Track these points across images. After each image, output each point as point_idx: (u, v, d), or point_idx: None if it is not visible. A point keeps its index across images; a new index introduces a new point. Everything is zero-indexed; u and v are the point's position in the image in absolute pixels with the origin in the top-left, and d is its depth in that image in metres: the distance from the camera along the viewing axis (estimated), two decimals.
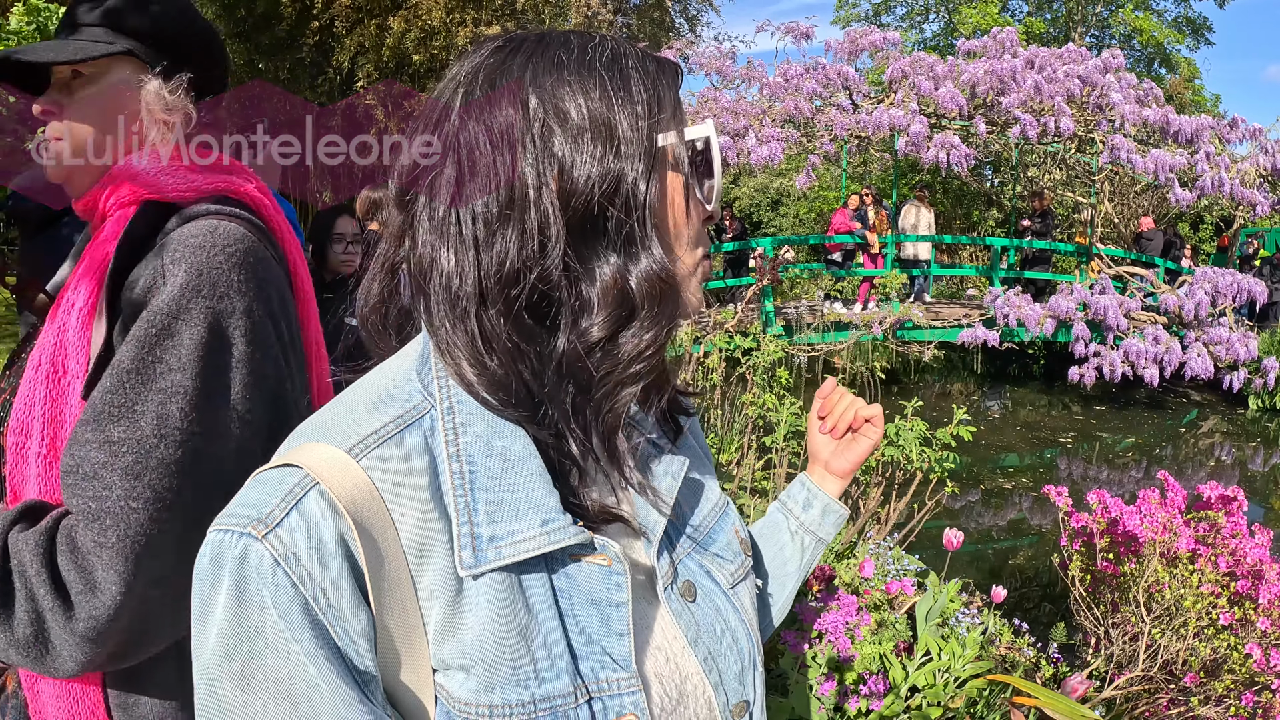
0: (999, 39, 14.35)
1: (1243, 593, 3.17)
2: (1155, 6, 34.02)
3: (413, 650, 0.72)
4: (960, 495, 6.37)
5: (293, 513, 0.67)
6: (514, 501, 0.75)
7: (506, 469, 0.76)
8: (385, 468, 0.72)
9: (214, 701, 0.66)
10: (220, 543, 0.67)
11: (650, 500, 0.86)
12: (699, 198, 0.83)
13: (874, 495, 4.34)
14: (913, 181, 20.51)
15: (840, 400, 1.21)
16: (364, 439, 0.73)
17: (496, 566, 0.72)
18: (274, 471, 0.71)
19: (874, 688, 2.83)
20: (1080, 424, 12.08)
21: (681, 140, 0.80)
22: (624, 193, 0.75)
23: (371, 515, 0.70)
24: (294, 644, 0.65)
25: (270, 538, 0.66)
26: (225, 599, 0.66)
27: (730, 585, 0.93)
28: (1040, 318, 12.79)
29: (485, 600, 0.72)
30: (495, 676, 0.71)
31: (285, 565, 0.65)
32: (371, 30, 17.85)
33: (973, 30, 27.57)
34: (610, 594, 0.78)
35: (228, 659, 0.65)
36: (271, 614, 0.65)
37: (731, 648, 0.89)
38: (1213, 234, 23.46)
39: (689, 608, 0.87)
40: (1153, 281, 14.02)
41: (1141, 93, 13.55)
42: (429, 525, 0.73)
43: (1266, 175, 13.14)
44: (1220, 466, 10.49)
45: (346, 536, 0.68)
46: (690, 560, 0.90)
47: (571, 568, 0.78)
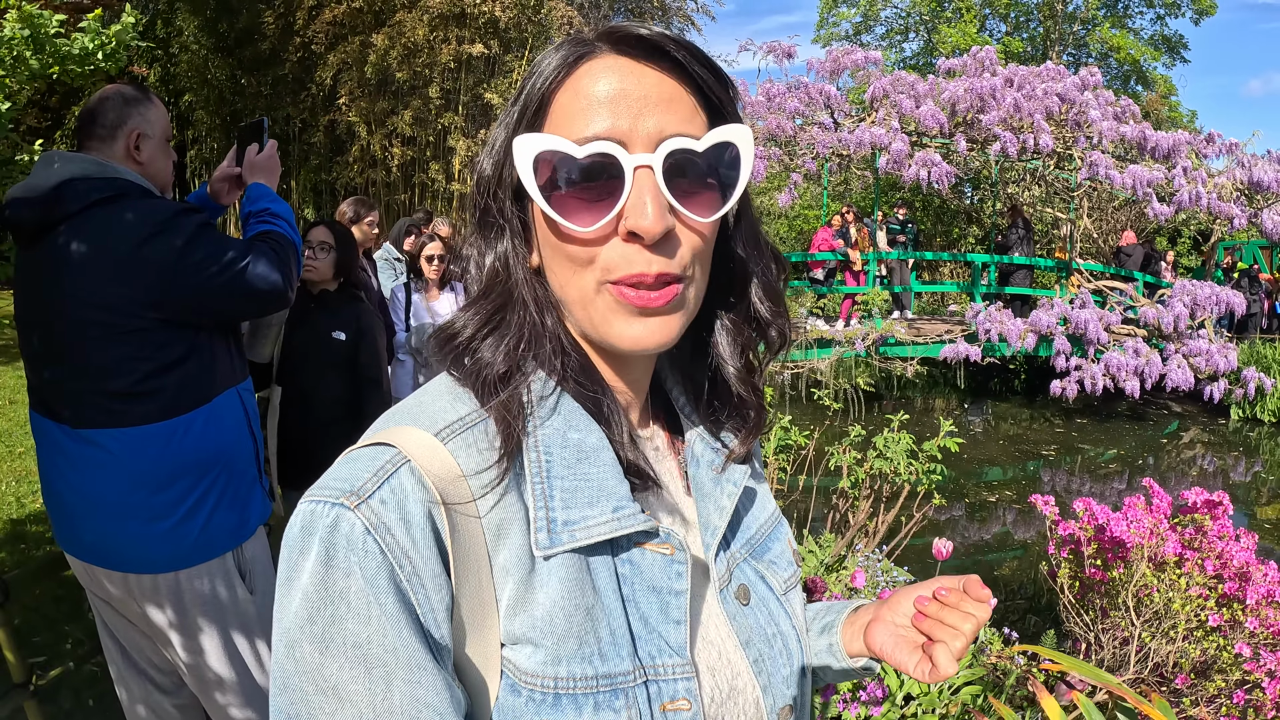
0: (979, 58, 14.53)
1: (1230, 594, 3.20)
2: (1132, 25, 34.48)
3: (483, 624, 0.74)
4: (945, 509, 6.41)
5: (385, 486, 0.70)
6: (587, 489, 0.78)
7: (581, 459, 0.80)
8: (470, 452, 0.76)
9: (291, 663, 0.68)
10: (312, 512, 0.69)
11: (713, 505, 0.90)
12: (547, 211, 0.77)
13: (863, 508, 4.36)
14: (893, 199, 20.64)
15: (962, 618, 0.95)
16: (450, 424, 0.77)
17: (569, 548, 0.76)
18: (368, 449, 0.74)
19: (872, 694, 2.84)
20: (1062, 437, 12.14)
21: (518, 159, 0.78)
22: (486, 191, 0.84)
23: (456, 494, 0.73)
24: (376, 608, 0.67)
25: (362, 508, 0.68)
26: (313, 564, 0.68)
27: (783, 592, 0.96)
28: (1021, 332, 12.89)
29: (557, 579, 0.75)
30: (562, 650, 0.73)
31: (376, 534, 0.68)
32: (354, 47, 17.83)
33: (952, 49, 27.87)
34: (671, 582, 0.81)
35: (310, 622, 0.67)
36: (358, 579, 0.67)
37: (782, 652, 0.91)
38: (1190, 247, 23.70)
39: (743, 610, 0.90)
40: (1132, 295, 14.15)
41: (1119, 109, 13.73)
42: (507, 507, 0.76)
43: (1243, 189, 13.31)
44: (1203, 476, 10.57)
45: (434, 511, 0.71)
46: (746, 565, 0.93)
47: (635, 554, 0.81)
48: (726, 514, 0.90)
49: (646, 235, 0.74)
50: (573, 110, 0.76)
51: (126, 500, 2.28)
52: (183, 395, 2.32)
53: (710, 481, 0.92)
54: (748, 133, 0.80)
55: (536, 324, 0.83)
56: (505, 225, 0.84)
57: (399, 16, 17.83)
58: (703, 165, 0.78)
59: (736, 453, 0.94)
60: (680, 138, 0.76)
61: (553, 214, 0.76)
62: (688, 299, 0.81)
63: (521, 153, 0.77)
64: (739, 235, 0.90)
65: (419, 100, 18.43)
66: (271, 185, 2.68)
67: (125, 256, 2.22)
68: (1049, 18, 34.04)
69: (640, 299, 0.77)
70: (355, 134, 18.74)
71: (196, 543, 2.34)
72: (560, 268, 0.80)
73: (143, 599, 2.35)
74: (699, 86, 0.80)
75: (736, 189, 0.81)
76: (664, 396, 0.98)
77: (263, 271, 2.36)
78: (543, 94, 0.79)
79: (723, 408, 0.96)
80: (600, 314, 0.79)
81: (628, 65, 0.77)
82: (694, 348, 0.95)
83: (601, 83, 0.76)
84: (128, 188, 2.31)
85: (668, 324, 0.79)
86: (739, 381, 0.94)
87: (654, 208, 0.74)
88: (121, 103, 2.45)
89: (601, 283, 0.78)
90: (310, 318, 3.59)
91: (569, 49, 0.79)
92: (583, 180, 0.75)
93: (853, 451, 4.59)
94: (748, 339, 0.93)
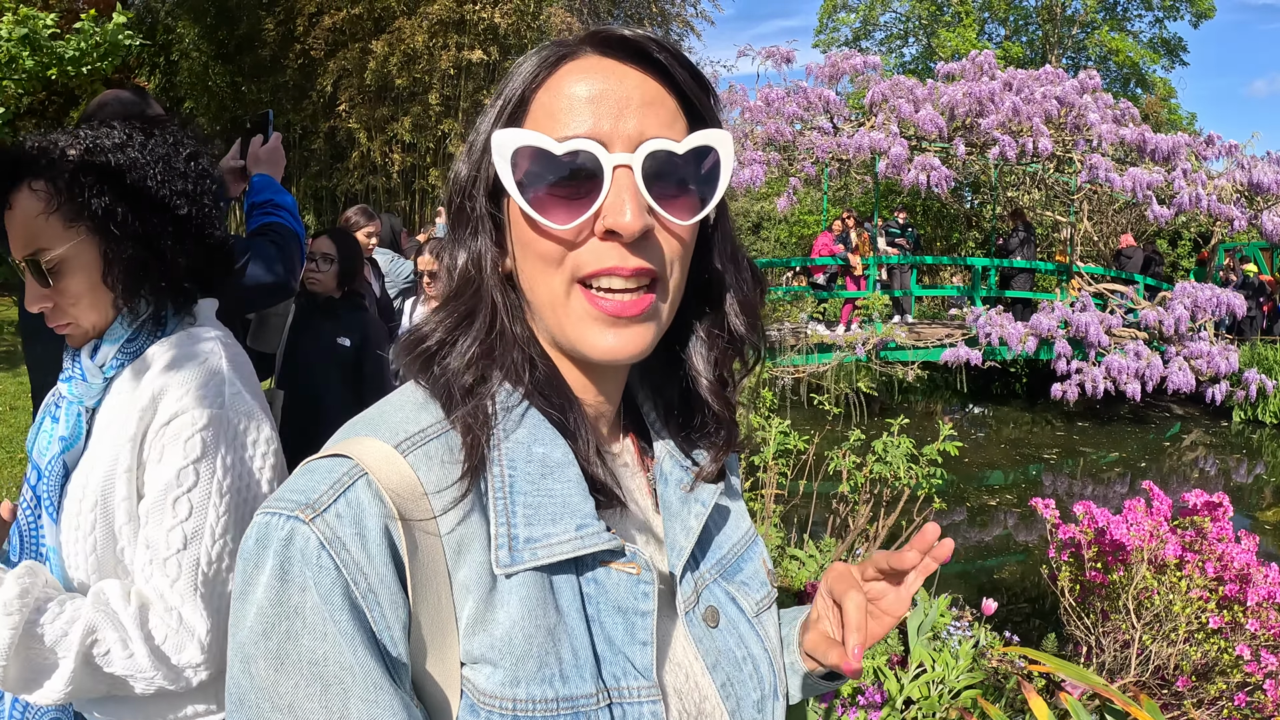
0: (977, 62, 14.53)
1: (1231, 596, 3.19)
2: (1130, 28, 34.51)
3: (443, 642, 0.73)
4: (946, 513, 6.39)
5: (340, 499, 0.69)
6: (551, 506, 0.77)
7: (545, 474, 0.78)
8: (430, 465, 0.74)
9: (247, 679, 0.67)
10: (267, 524, 0.68)
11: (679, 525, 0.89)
12: (523, 207, 0.76)
13: (863, 512, 4.35)
14: (893, 203, 20.66)
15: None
16: (411, 436, 0.76)
17: (530, 567, 0.74)
18: (324, 460, 0.73)
19: (871, 698, 2.83)
20: (1064, 440, 12.13)
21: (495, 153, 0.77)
22: (463, 190, 0.83)
23: (415, 509, 0.72)
24: (332, 625, 0.66)
25: (317, 521, 0.67)
26: (268, 578, 0.67)
27: (755, 614, 0.94)
28: (1022, 336, 12.87)
29: (517, 598, 0.73)
30: (521, 671, 0.72)
31: (330, 549, 0.67)
32: (354, 54, 17.87)
33: (951, 54, 27.90)
34: (637, 602, 0.80)
35: (264, 637, 0.66)
36: (313, 595, 0.66)
37: (752, 675, 0.89)
38: (1191, 249, 23.68)
39: (710, 633, 0.88)
40: (1133, 298, 14.14)
41: (1118, 112, 13.72)
42: (468, 523, 0.74)
43: (1243, 190, 13.30)
44: (1204, 478, 10.56)
45: (390, 526, 0.70)
46: (716, 586, 0.91)
47: (601, 573, 0.79)
48: (693, 534, 0.88)
49: (625, 233, 0.73)
50: (553, 109, 0.76)
51: None
52: None
53: (678, 500, 0.90)
54: (728, 138, 0.80)
55: (505, 330, 0.81)
56: (480, 225, 0.82)
57: (399, 23, 17.89)
58: (682, 168, 0.77)
59: (708, 470, 0.92)
60: (660, 140, 0.76)
61: (529, 210, 0.75)
62: (661, 310, 0.80)
63: (500, 147, 0.76)
64: (716, 247, 0.89)
65: (419, 107, 18.47)
66: (276, 177, 2.67)
67: None
68: (1048, 21, 34.09)
69: (613, 307, 0.76)
70: (355, 140, 18.77)
71: None
72: (532, 268, 0.79)
73: None
74: (681, 90, 0.80)
75: (716, 194, 0.80)
76: (636, 411, 0.96)
77: (264, 266, 2.36)
78: (523, 93, 0.78)
79: (695, 423, 0.94)
80: (571, 320, 0.78)
81: (610, 66, 0.77)
82: (666, 362, 0.93)
83: (583, 83, 0.76)
84: None
85: (641, 334, 0.78)
86: (713, 396, 0.92)
87: (633, 206, 0.73)
88: (120, 107, 2.44)
89: (573, 282, 0.77)
90: (315, 323, 3.60)
91: (551, 49, 0.79)
92: (561, 178, 0.74)
93: (852, 456, 4.59)
94: (722, 353, 0.91)
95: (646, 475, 0.92)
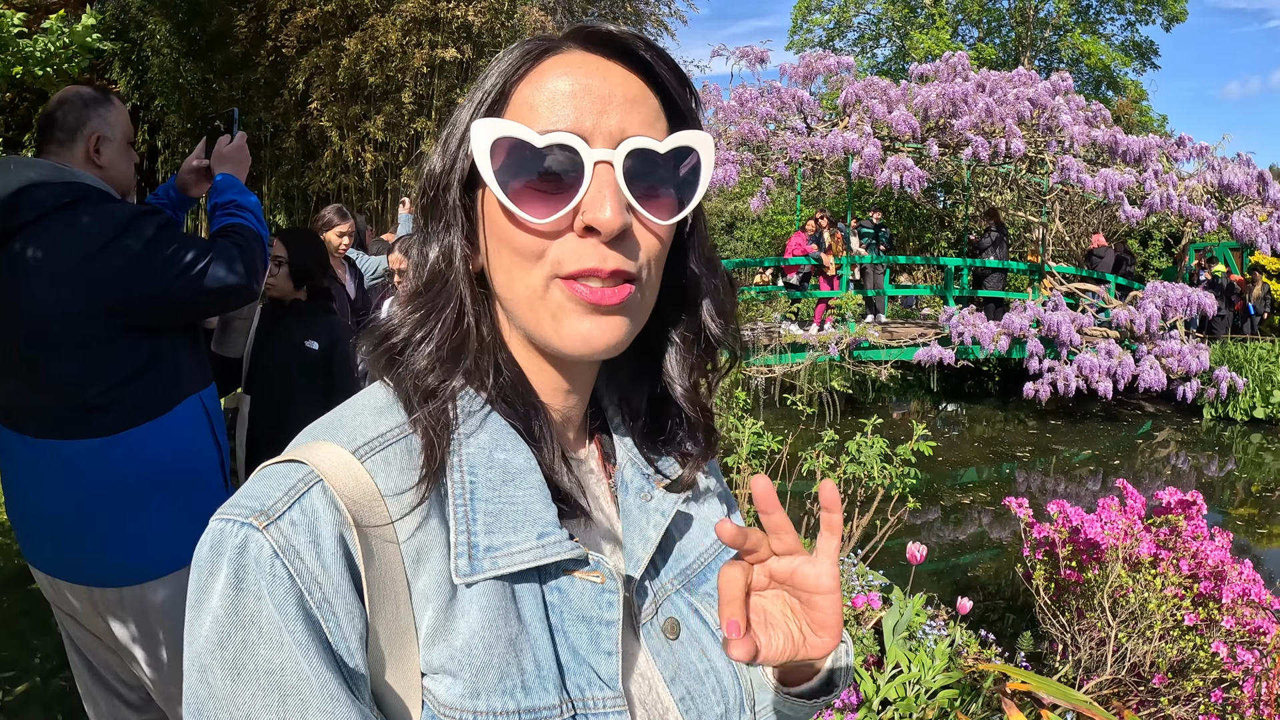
0: (951, 63, 14.62)
1: (1206, 594, 3.20)
2: (1103, 31, 34.91)
3: (402, 652, 0.71)
4: (920, 511, 6.43)
5: (295, 507, 0.68)
6: (512, 513, 0.75)
7: (507, 480, 0.76)
8: (389, 471, 0.73)
9: (204, 689, 0.65)
10: (221, 531, 0.67)
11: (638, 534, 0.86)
12: (500, 199, 0.74)
13: None
14: (866, 204, 20.77)
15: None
16: (369, 441, 0.74)
17: (491, 576, 0.72)
18: (279, 466, 0.71)
19: (846, 700, 2.81)
20: (1036, 438, 12.21)
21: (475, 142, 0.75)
22: (437, 183, 0.80)
23: (372, 516, 0.70)
24: (287, 635, 0.64)
25: (271, 529, 0.66)
26: (222, 586, 0.65)
27: (719, 625, 0.89)
28: (995, 335, 12.96)
29: (477, 608, 0.72)
30: (482, 683, 0.70)
31: (284, 557, 0.65)
32: (327, 51, 17.73)
33: (924, 55, 28.10)
34: (601, 611, 0.78)
35: (220, 647, 0.65)
36: (267, 604, 0.64)
37: (715, 689, 0.86)
38: (1161, 249, 23.95)
39: (669, 645, 0.85)
40: (1104, 297, 14.26)
41: (1090, 114, 13.85)
42: (428, 530, 0.73)
43: (1213, 191, 13.45)
44: (1176, 475, 10.66)
45: (346, 534, 0.68)
46: (678, 598, 0.89)
47: (564, 582, 0.78)
48: (651, 544, 0.85)
49: (604, 230, 0.72)
50: (534, 102, 0.74)
51: (88, 513, 2.22)
52: (144, 404, 2.26)
53: (637, 509, 0.87)
54: (709, 140, 0.79)
55: (472, 330, 0.79)
56: (452, 219, 0.80)
57: (371, 21, 17.77)
58: (662, 168, 0.76)
59: (686, 475, 0.90)
60: (642, 138, 0.74)
61: (507, 202, 0.73)
62: (637, 302, 0.78)
63: (479, 137, 0.74)
64: (692, 250, 0.87)
65: (391, 105, 18.36)
66: (240, 177, 2.62)
67: (84, 263, 2.16)
68: (1021, 24, 34.39)
69: (593, 295, 0.74)
70: (327, 139, 18.61)
71: (160, 555, 2.28)
72: (508, 263, 0.77)
73: (107, 613, 2.30)
74: (664, 89, 0.79)
75: (696, 195, 0.80)
76: (601, 415, 0.94)
77: (226, 268, 2.31)
78: (504, 85, 0.76)
79: (664, 431, 0.91)
80: (550, 311, 0.76)
81: (594, 62, 0.76)
82: (634, 367, 0.91)
83: (566, 77, 0.74)
84: (86, 192, 2.25)
85: (618, 325, 0.76)
86: (688, 402, 0.90)
87: (613, 203, 0.72)
88: (80, 105, 2.39)
89: (551, 277, 0.75)
90: (282, 327, 3.53)
91: (534, 43, 0.78)
92: (541, 171, 0.73)
93: (826, 456, 4.58)
94: (698, 358, 0.89)
95: (609, 482, 0.90)
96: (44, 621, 4.24)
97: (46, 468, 2.24)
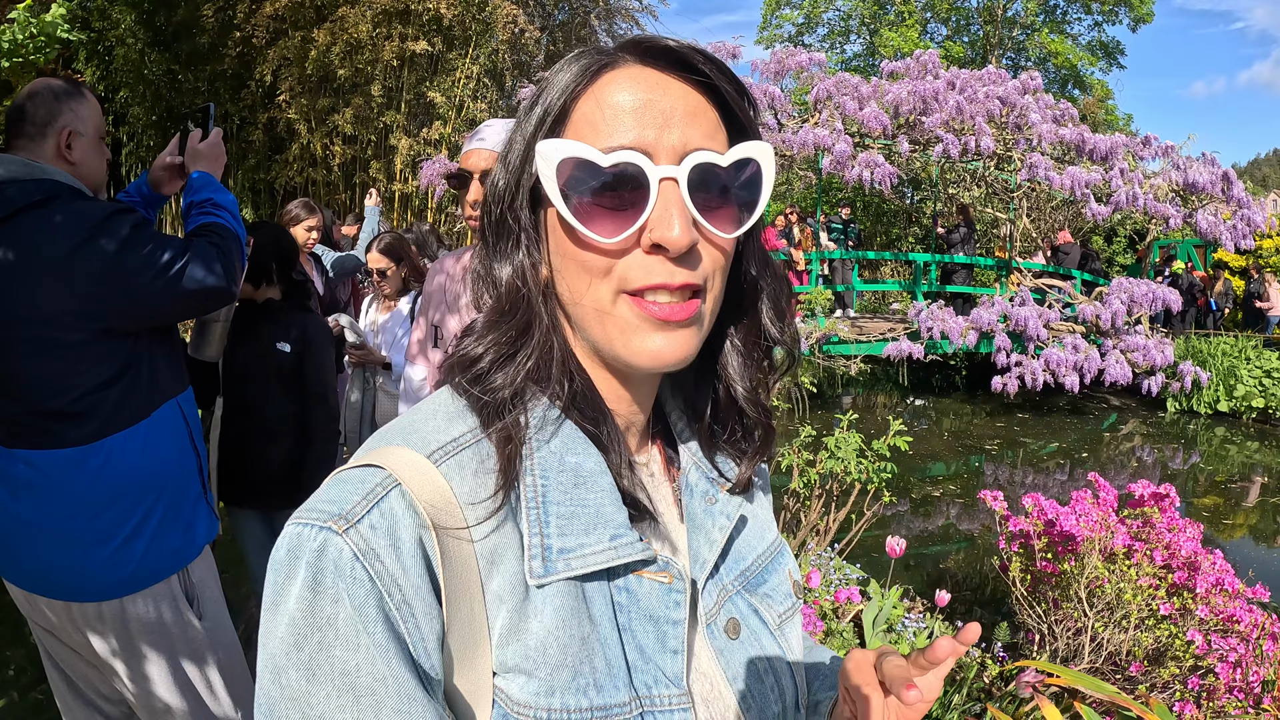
0: (922, 60, 14.71)
1: (1180, 583, 3.26)
2: (1070, 31, 35.25)
3: (474, 653, 0.72)
4: (893, 504, 6.47)
5: (374, 510, 0.68)
6: (585, 515, 0.76)
7: (578, 484, 0.78)
8: (463, 475, 0.74)
9: (278, 690, 0.66)
10: (299, 535, 0.68)
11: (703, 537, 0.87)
12: (568, 219, 0.74)
13: (814, 508, 4.38)
14: (835, 199, 20.85)
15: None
16: (444, 445, 0.75)
17: (564, 577, 0.74)
18: (356, 470, 0.72)
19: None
20: (1004, 431, 12.33)
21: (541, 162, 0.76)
22: (502, 201, 0.81)
23: (448, 519, 0.71)
24: (365, 636, 0.65)
25: (351, 533, 0.67)
26: (300, 589, 0.66)
27: (777, 626, 0.93)
28: (963, 330, 13.07)
29: (551, 608, 0.73)
30: (556, 681, 0.72)
31: (364, 560, 0.66)
32: (295, 43, 17.49)
33: (894, 52, 28.23)
34: (669, 611, 0.80)
35: (297, 648, 0.65)
36: (345, 606, 0.65)
37: (773, 688, 0.89)
38: (1126, 246, 24.25)
39: (731, 644, 0.87)
40: (1070, 293, 14.43)
41: (1058, 113, 13.99)
42: (502, 533, 0.74)
43: (1178, 190, 13.64)
44: (1142, 467, 10.82)
45: (424, 537, 0.70)
46: (739, 598, 0.90)
47: (633, 582, 0.79)
48: (717, 547, 0.87)
49: (673, 248, 0.73)
50: (596, 119, 0.75)
51: (64, 526, 2.16)
52: (121, 411, 2.20)
53: (703, 512, 0.89)
54: (770, 150, 0.80)
55: (549, 344, 0.80)
56: (522, 236, 0.80)
57: (341, 12, 17.55)
58: (725, 181, 0.77)
59: (740, 477, 0.91)
60: (705, 151, 0.75)
61: (575, 222, 0.74)
62: (704, 316, 0.79)
63: (545, 158, 0.74)
64: (750, 253, 0.89)
65: (361, 98, 18.16)
66: (215, 174, 2.55)
67: (57, 264, 2.09)
68: (989, 22, 34.65)
69: (662, 312, 0.75)
70: (295, 132, 18.38)
71: (140, 567, 2.23)
72: (575, 279, 0.78)
73: (86, 627, 2.24)
74: (723, 102, 0.79)
75: (758, 207, 0.80)
76: (663, 419, 0.95)
77: (203, 269, 2.24)
78: (564, 102, 0.77)
79: (725, 432, 0.93)
80: (619, 327, 0.76)
81: (654, 77, 0.76)
82: (698, 371, 0.92)
83: (626, 93, 0.75)
84: (57, 189, 2.17)
85: (687, 338, 0.77)
86: (749, 402, 0.91)
87: (680, 220, 0.72)
88: (52, 98, 2.31)
89: (619, 293, 0.76)
90: (254, 328, 3.41)
91: (590, 58, 0.78)
92: (606, 190, 0.73)
93: (804, 453, 4.61)
94: (758, 359, 0.91)
95: (672, 485, 0.91)
96: (17, 632, 4.16)
97: (19, 479, 2.16)
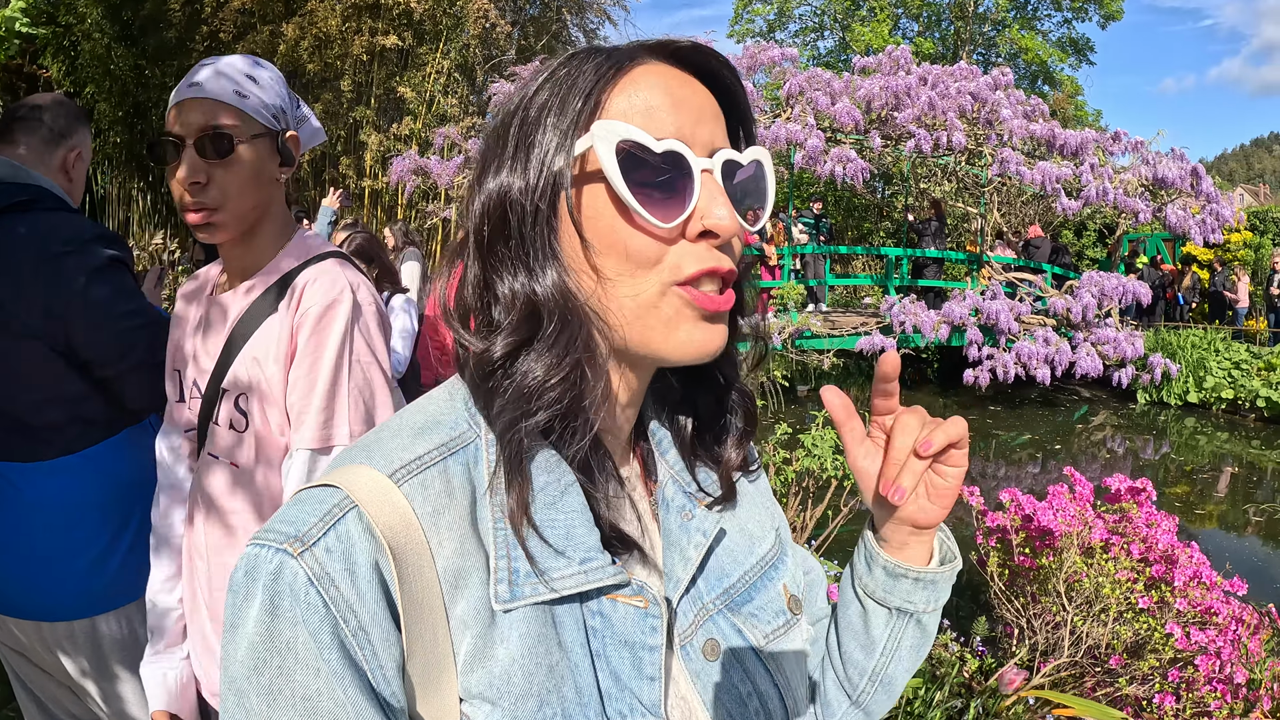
0: (894, 56, 14.77)
1: (1158, 577, 3.29)
2: (1040, 27, 35.57)
3: (439, 679, 0.70)
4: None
5: (330, 533, 0.67)
6: (554, 537, 0.74)
7: (548, 504, 0.75)
8: (426, 495, 0.71)
9: (241, 713, 0.65)
10: (256, 556, 0.66)
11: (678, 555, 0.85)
12: (635, 209, 0.71)
13: (791, 504, 4.38)
14: (807, 194, 20.90)
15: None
16: (407, 464, 0.72)
17: (532, 602, 0.72)
18: (316, 490, 0.70)
19: None
20: (976, 424, 12.43)
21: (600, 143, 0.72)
22: (515, 207, 0.75)
23: (409, 542, 0.69)
24: (323, 663, 0.64)
25: (306, 556, 0.65)
26: (258, 612, 0.65)
27: (764, 646, 0.89)
28: (935, 324, 13.16)
29: (517, 634, 0.71)
30: (521, 711, 0.70)
31: (319, 585, 0.65)
32: (264, 37, 17.33)
33: (865, 48, 28.36)
34: (644, 636, 0.77)
35: (256, 672, 0.64)
36: (303, 631, 0.64)
37: (759, 712, 0.85)
38: (1095, 240, 24.49)
39: (709, 666, 0.84)
40: (1041, 286, 14.56)
41: (1029, 108, 14.11)
42: (466, 555, 0.72)
43: (1147, 185, 13.82)
44: (1114, 458, 10.95)
45: (381, 562, 0.67)
46: (720, 617, 0.86)
47: (606, 605, 0.76)
48: (692, 565, 0.84)
49: (724, 233, 0.73)
50: (631, 111, 0.73)
51: (35, 543, 2.07)
52: (94, 424, 2.11)
53: (679, 528, 0.86)
54: (768, 154, 0.82)
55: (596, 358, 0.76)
56: (550, 244, 0.75)
57: (310, 6, 17.43)
58: (743, 179, 0.79)
59: (728, 462, 0.91)
60: (729, 150, 0.77)
61: (637, 206, 0.71)
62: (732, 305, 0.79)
63: (603, 139, 0.71)
64: None
65: (330, 93, 18.03)
66: None
67: (32, 269, 2.00)
68: (960, 18, 34.89)
69: (713, 302, 0.74)
70: None
71: (112, 585, 2.13)
72: (619, 273, 0.73)
73: (57, 648, 2.15)
74: (735, 106, 0.82)
75: (767, 206, 0.82)
76: (642, 432, 0.92)
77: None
78: (596, 96, 0.74)
79: (705, 433, 0.91)
80: (662, 319, 0.74)
81: (680, 76, 0.77)
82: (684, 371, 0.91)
83: (659, 88, 0.74)
84: (41, 194, 2.10)
85: (723, 330, 0.78)
86: (736, 391, 0.92)
87: (727, 208, 0.73)
88: (73, 116, 2.28)
89: (668, 284, 0.73)
90: None
91: (609, 55, 0.76)
92: (656, 176, 0.72)
93: (781, 451, 4.61)
94: (734, 349, 0.91)
95: (650, 499, 0.88)
96: None
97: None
